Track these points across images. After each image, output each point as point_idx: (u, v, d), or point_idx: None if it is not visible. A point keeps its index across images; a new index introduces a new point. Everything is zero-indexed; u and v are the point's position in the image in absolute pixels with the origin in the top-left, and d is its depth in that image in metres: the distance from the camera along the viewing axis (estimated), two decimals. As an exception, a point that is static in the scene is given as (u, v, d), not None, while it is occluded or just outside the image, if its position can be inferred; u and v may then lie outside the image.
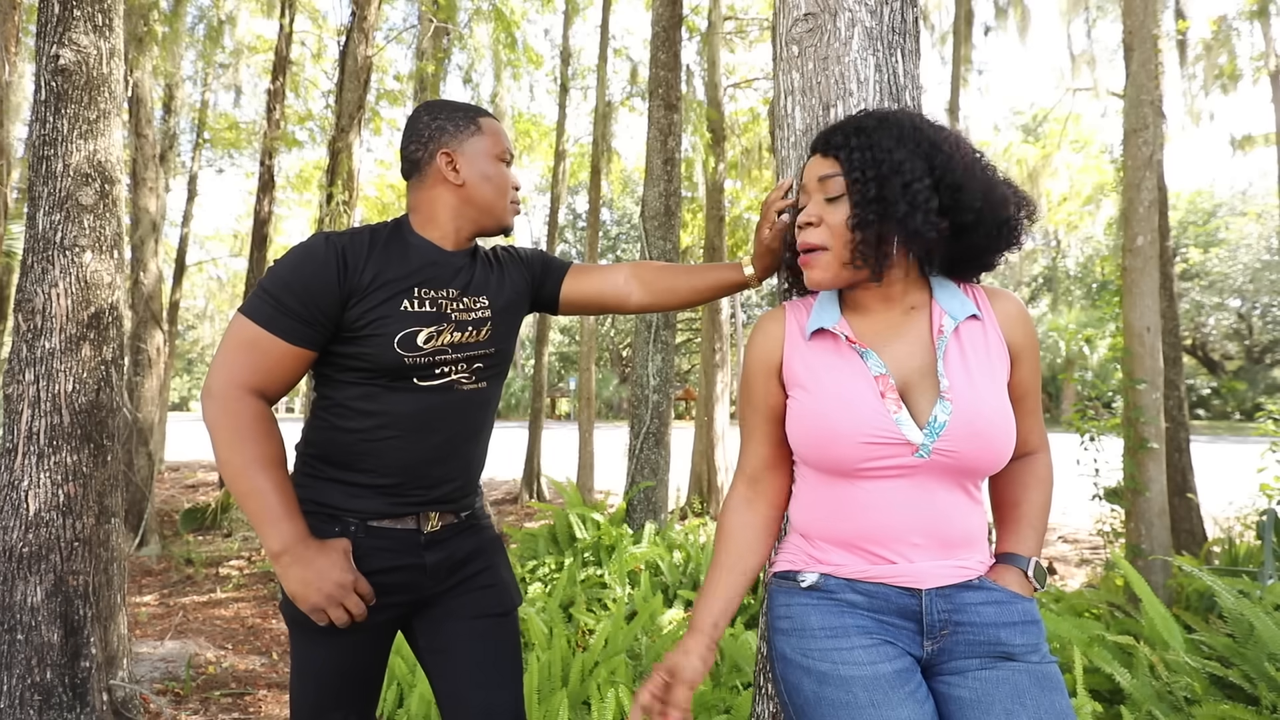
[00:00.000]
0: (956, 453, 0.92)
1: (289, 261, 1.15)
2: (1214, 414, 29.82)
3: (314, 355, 1.17)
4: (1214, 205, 29.22)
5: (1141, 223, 3.55)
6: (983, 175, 0.95)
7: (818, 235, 0.98)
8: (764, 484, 1.07)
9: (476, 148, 1.26)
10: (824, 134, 1.01)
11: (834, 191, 0.97)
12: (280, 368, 1.14)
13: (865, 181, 0.93)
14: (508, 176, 1.30)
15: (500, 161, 1.28)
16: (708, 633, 1.02)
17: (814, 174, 1.00)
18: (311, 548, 1.11)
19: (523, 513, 8.14)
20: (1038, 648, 0.94)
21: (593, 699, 2.15)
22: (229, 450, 1.10)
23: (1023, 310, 1.03)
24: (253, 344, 1.12)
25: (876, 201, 0.93)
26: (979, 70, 11.96)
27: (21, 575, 2.21)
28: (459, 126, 1.26)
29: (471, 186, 1.25)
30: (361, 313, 1.15)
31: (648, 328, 4.93)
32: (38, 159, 2.37)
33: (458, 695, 1.24)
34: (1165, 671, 2.11)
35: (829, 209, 0.97)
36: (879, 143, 0.94)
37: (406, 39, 9.13)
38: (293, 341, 1.13)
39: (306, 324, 1.13)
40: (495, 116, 1.35)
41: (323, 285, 1.13)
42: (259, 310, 1.13)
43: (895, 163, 0.93)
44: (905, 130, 0.95)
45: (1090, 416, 4.33)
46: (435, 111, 1.27)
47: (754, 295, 26.18)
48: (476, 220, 1.28)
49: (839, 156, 0.96)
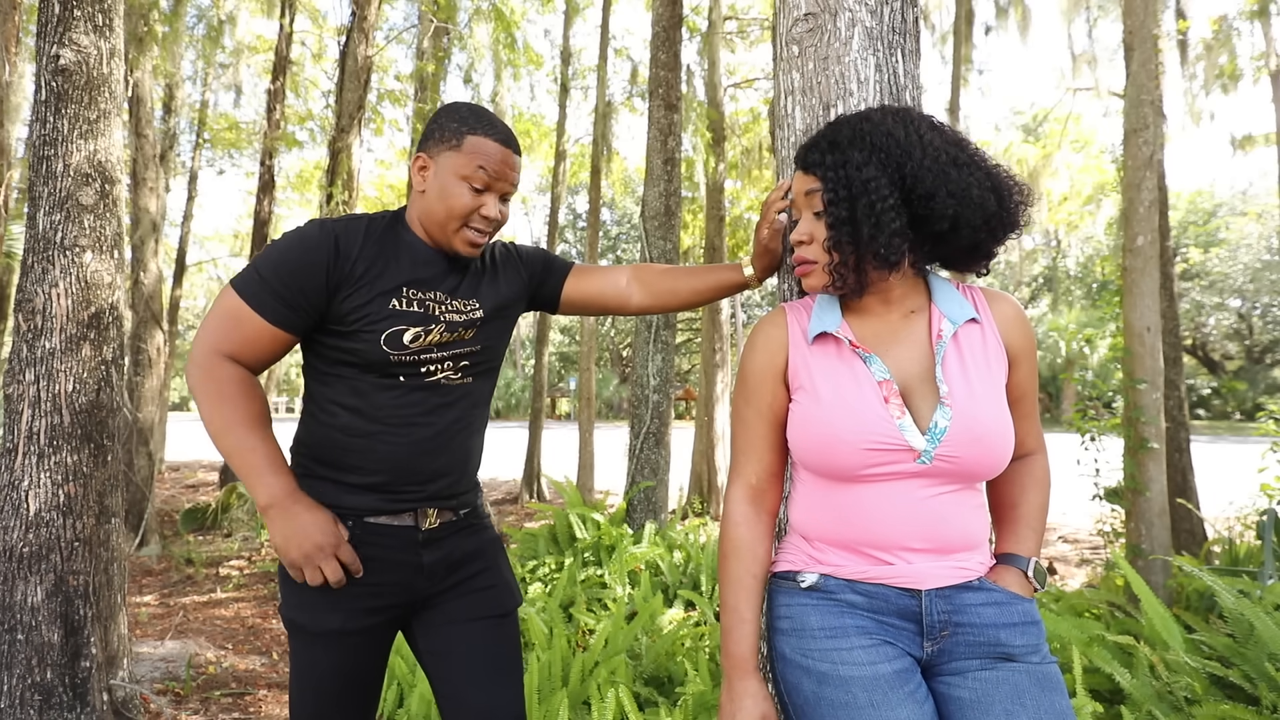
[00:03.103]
0: (958, 458, 0.92)
1: (283, 243, 1.16)
2: (1214, 414, 29.81)
3: (293, 339, 1.19)
4: (1214, 205, 29.20)
5: (1142, 223, 3.54)
6: (959, 176, 0.93)
7: (811, 252, 1.00)
8: (767, 492, 1.06)
9: (447, 163, 1.20)
10: (804, 147, 1.02)
11: (819, 206, 0.98)
12: (258, 344, 1.16)
13: (838, 202, 0.95)
14: (468, 201, 1.19)
15: (465, 183, 1.19)
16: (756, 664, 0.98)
17: (800, 189, 1.01)
18: (300, 504, 1.13)
19: (523, 513, 8.14)
20: (1038, 648, 0.94)
21: (593, 699, 2.15)
22: (213, 410, 1.13)
23: (1021, 313, 1.03)
24: (236, 316, 1.15)
25: (848, 224, 0.94)
26: (979, 70, 11.97)
27: (22, 575, 2.21)
28: (444, 137, 1.22)
29: (429, 199, 1.21)
30: (351, 307, 1.15)
31: (648, 328, 4.93)
32: (38, 159, 2.37)
33: (458, 697, 1.23)
34: (1165, 671, 2.11)
35: (818, 225, 0.99)
36: (850, 159, 0.94)
37: (407, 39, 9.12)
38: (273, 322, 1.15)
39: (289, 307, 1.15)
40: (509, 142, 1.23)
41: (311, 271, 1.14)
42: (247, 285, 1.15)
43: (863, 182, 0.93)
44: (878, 142, 0.94)
45: (1091, 416, 4.33)
46: (442, 114, 1.25)
47: (754, 295, 26.17)
48: (431, 233, 1.23)
49: (817, 174, 0.98)
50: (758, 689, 0.96)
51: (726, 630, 0.99)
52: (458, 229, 1.22)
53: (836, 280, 0.97)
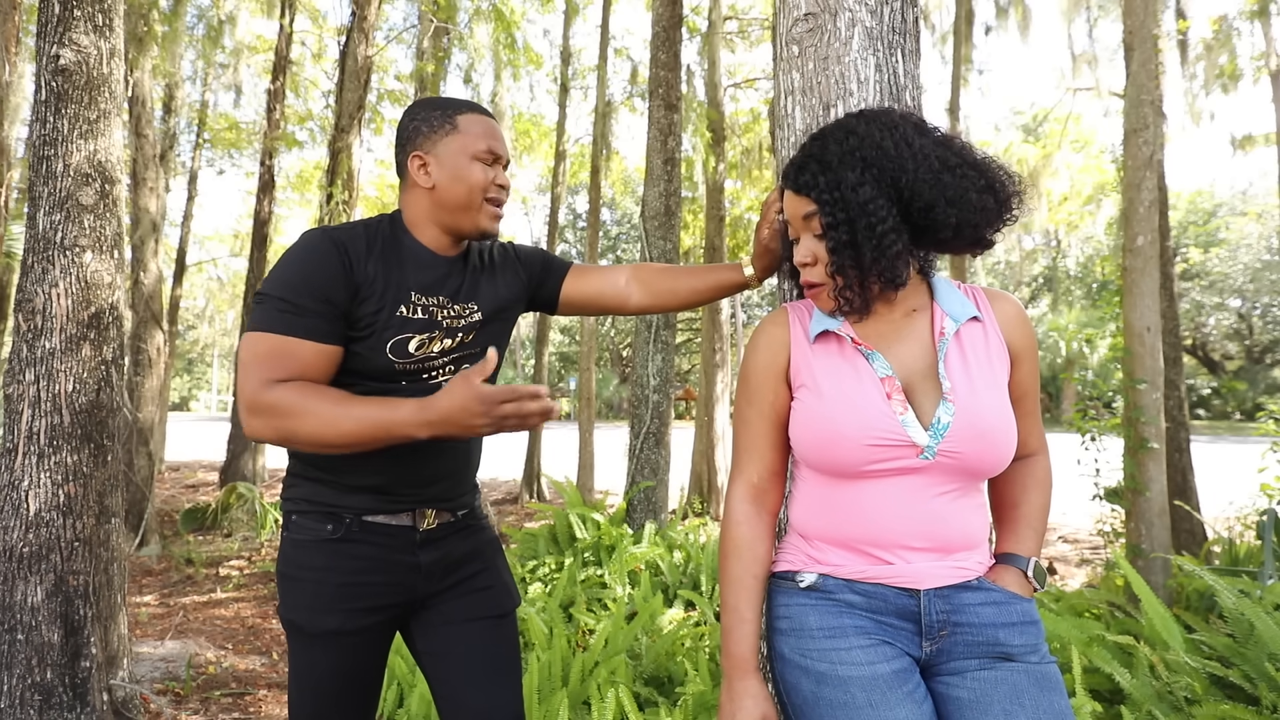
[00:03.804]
0: (960, 454, 0.92)
1: (292, 262, 1.11)
2: (1214, 414, 29.81)
3: (341, 352, 1.13)
4: (1214, 205, 29.19)
5: (1142, 223, 3.54)
6: (954, 181, 0.92)
7: (816, 274, 0.98)
8: (769, 492, 1.05)
9: (450, 147, 1.19)
10: (794, 167, 0.99)
11: (818, 229, 0.96)
12: (313, 370, 1.09)
13: (837, 226, 0.93)
14: (485, 175, 1.20)
15: (478, 161, 1.20)
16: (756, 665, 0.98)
17: (795, 212, 0.99)
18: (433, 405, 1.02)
19: (523, 513, 8.13)
20: (1037, 648, 0.94)
21: (593, 699, 2.15)
22: (307, 427, 1.03)
23: (1022, 312, 1.03)
24: (278, 354, 1.06)
25: (850, 248, 0.93)
26: (979, 70, 11.96)
27: (22, 575, 2.21)
28: (433, 127, 1.20)
29: (442, 189, 1.19)
30: (362, 314, 1.14)
31: (648, 328, 4.93)
32: (38, 159, 2.37)
33: (456, 698, 1.23)
34: (1165, 671, 2.11)
35: (820, 246, 0.97)
36: (844, 179, 0.92)
37: (406, 39, 9.13)
38: (320, 340, 1.09)
39: (327, 320, 1.09)
40: (487, 112, 1.25)
41: (332, 277, 1.10)
42: (274, 320, 1.07)
43: (861, 204, 0.91)
44: (869, 157, 0.92)
45: (1091, 416, 4.33)
46: (415, 112, 1.23)
47: (754, 295, 26.17)
48: (451, 225, 1.22)
49: (811, 196, 0.96)
50: (758, 689, 0.96)
51: (727, 630, 0.99)
52: (481, 205, 1.21)
53: (843, 305, 0.97)
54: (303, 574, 1.18)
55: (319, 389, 1.07)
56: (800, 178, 0.97)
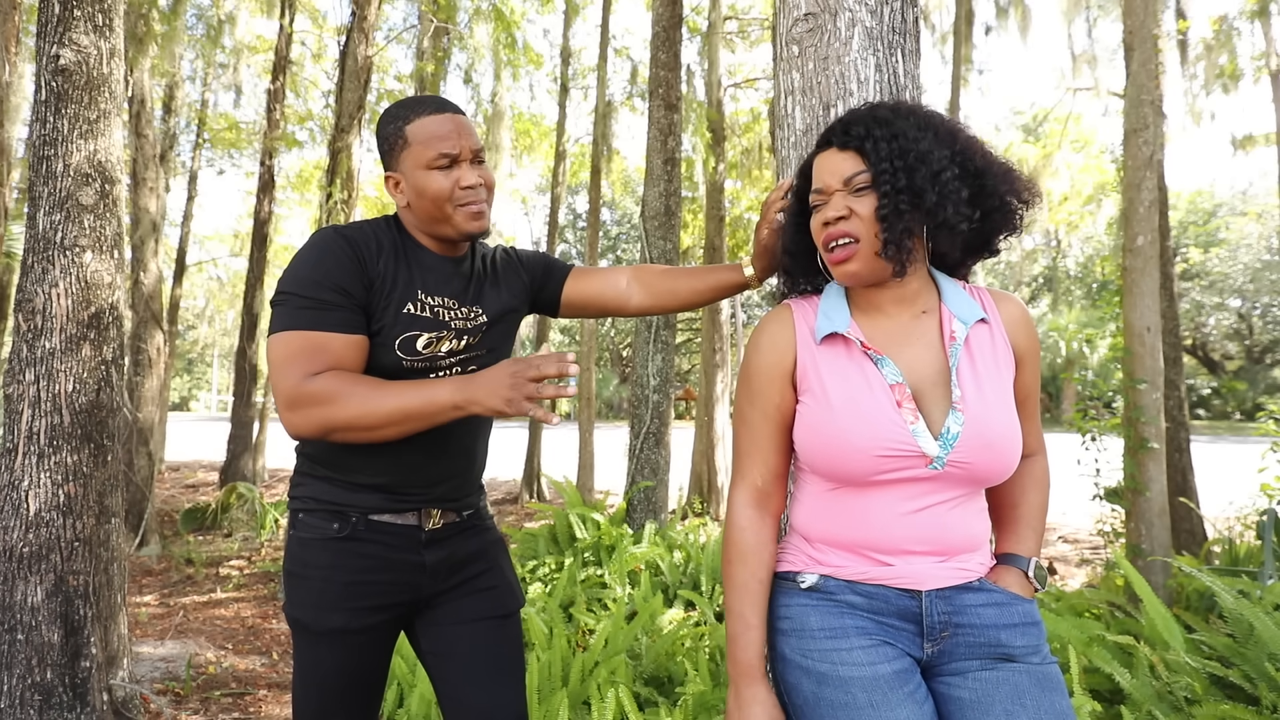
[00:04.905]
0: (969, 464, 0.91)
1: (309, 259, 1.12)
2: (1214, 414, 29.80)
3: (368, 342, 1.13)
4: (1214, 205, 29.18)
5: (1142, 222, 3.54)
6: (997, 160, 0.94)
7: (854, 226, 0.93)
8: (772, 495, 1.03)
9: (406, 163, 1.18)
10: (840, 125, 0.97)
11: (860, 184, 0.93)
12: (347, 362, 1.09)
13: (894, 171, 0.90)
14: (445, 182, 1.16)
15: (434, 170, 1.16)
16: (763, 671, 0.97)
17: (832, 168, 0.96)
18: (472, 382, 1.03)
19: (523, 513, 8.13)
20: (1038, 649, 0.94)
21: (593, 699, 2.15)
22: (349, 411, 1.03)
23: (1026, 314, 1.02)
24: (311, 350, 1.07)
25: (907, 191, 0.90)
26: (979, 70, 11.95)
27: (22, 575, 2.20)
28: (392, 144, 1.19)
29: (414, 205, 1.20)
30: (374, 309, 1.15)
31: (648, 328, 4.93)
32: (38, 159, 2.37)
33: (459, 698, 1.23)
34: (1165, 671, 2.11)
35: (857, 200, 0.93)
36: (904, 131, 0.91)
37: (406, 39, 9.13)
38: (348, 331, 1.10)
39: (351, 311, 1.11)
40: (443, 108, 1.19)
41: (349, 271, 1.11)
42: (300, 318, 1.08)
43: (922, 152, 0.90)
44: (923, 117, 0.93)
45: (1091, 416, 4.33)
46: (381, 127, 1.22)
47: (754, 295, 26.15)
48: (436, 234, 1.22)
49: (862, 148, 0.93)
50: (766, 696, 0.95)
51: (733, 637, 0.97)
52: (451, 211, 1.19)
53: (889, 251, 0.91)
54: (309, 572, 1.19)
55: (355, 375, 1.08)
56: (851, 129, 0.94)
